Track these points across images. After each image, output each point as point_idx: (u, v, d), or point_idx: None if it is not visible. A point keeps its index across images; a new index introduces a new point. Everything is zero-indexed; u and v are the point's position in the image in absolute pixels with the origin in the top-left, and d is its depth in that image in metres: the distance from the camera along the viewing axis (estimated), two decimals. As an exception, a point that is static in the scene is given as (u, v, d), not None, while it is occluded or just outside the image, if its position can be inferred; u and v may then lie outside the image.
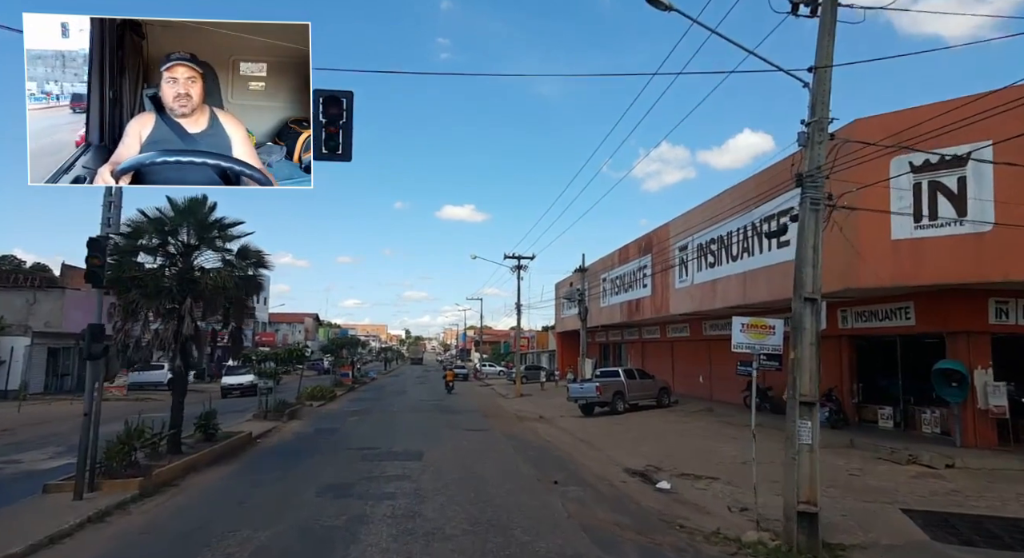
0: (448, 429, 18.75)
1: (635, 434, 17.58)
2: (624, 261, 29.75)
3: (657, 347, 32.15)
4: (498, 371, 61.05)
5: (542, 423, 21.20)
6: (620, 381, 22.99)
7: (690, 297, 22.25)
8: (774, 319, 9.40)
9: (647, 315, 26.90)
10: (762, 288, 17.42)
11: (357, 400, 30.88)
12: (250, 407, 21.71)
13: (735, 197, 18.75)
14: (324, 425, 19.67)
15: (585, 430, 18.70)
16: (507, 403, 29.97)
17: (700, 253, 21.32)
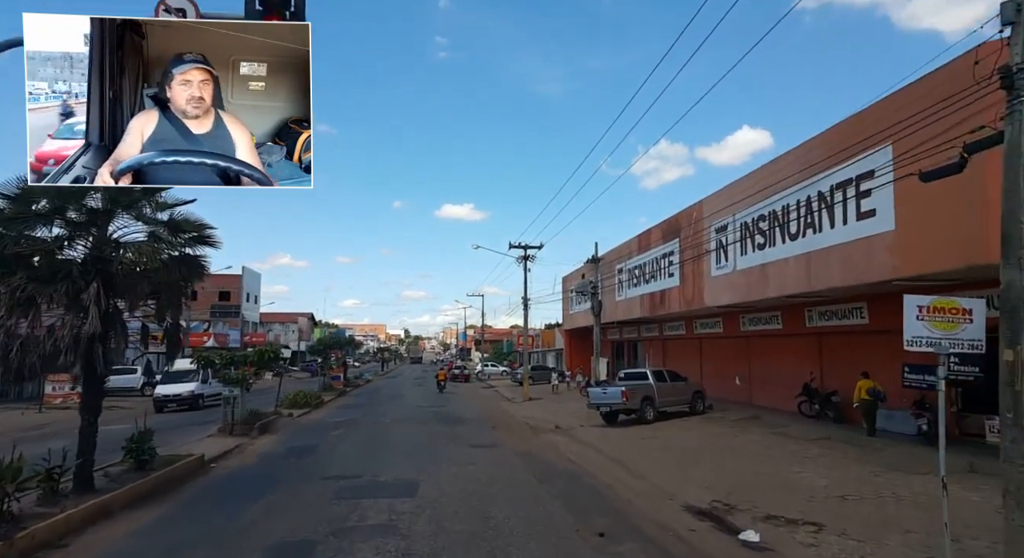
0: (449, 445, 15.51)
1: (678, 451, 14.34)
2: (644, 248, 26.50)
3: (682, 345, 28.92)
4: (501, 371, 57.81)
5: (560, 435, 17.97)
6: (649, 385, 19.75)
7: (731, 286, 19.01)
8: (971, 299, 6.05)
9: (674, 308, 23.66)
10: (834, 271, 14.18)
11: (346, 407, 27.60)
12: (217, 419, 18.41)
13: (794, 163, 15.50)
14: (300, 441, 16.41)
15: (614, 445, 15.48)
16: (515, 409, 26.74)
17: (745, 234, 18.07)
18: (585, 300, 35.78)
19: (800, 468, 12.10)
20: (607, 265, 31.16)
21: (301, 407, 24.65)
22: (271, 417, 19.72)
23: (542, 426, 20.00)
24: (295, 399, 25.08)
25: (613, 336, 37.34)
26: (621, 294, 30.07)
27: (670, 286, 23.79)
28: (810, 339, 18.89)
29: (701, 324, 25.50)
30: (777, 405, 20.37)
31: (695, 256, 21.16)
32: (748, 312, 21.15)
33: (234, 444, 15.74)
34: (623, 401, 18.86)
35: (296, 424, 20.18)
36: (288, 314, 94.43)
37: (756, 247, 17.45)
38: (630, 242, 28.77)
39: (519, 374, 43.52)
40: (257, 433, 17.34)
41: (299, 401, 25.04)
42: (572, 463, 13.41)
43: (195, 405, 25.54)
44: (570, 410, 25.08)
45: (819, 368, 18.43)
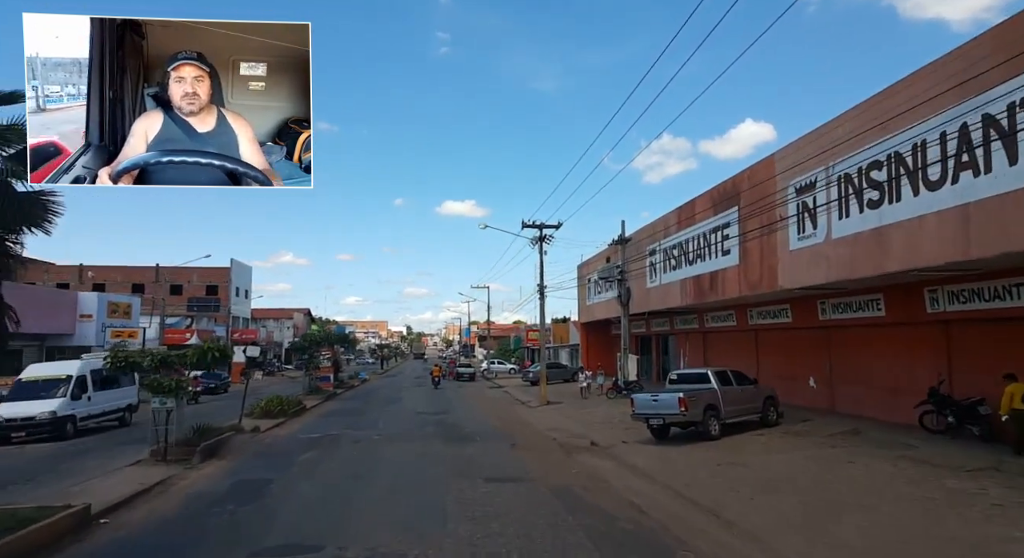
0: (458, 479, 11.11)
1: (788, 491, 9.90)
2: (687, 223, 22.02)
3: (729, 339, 24.46)
4: (508, 369, 53.42)
5: (603, 458, 13.58)
6: (713, 390, 15.31)
7: (822, 261, 14.56)
8: None
9: (730, 293, 19.21)
10: (1013, 229, 9.74)
11: (331, 415, 23.20)
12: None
13: (936, 79, 11.03)
14: (252, 473, 12.01)
15: (684, 476, 11.09)
16: (533, 416, 22.32)
17: (846, 190, 13.62)
18: (608, 288, 31.35)
19: (1009, 528, 7.70)
20: (636, 247, 26.72)
21: (274, 417, 20.28)
22: (226, 433, 15.32)
23: (574, 442, 15.61)
24: (268, 407, 20.70)
25: (637, 329, 32.86)
26: (654, 279, 25.62)
27: (724, 266, 19.34)
28: (931, 330, 14.40)
29: (759, 313, 21.04)
30: (876, 414, 15.95)
31: (764, 227, 16.71)
32: (835, 296, 16.69)
33: (159, 478, 11.37)
34: (681, 411, 14.44)
35: (258, 443, 15.67)
36: (283, 310, 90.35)
37: (866, 205, 12.99)
38: (666, 217, 24.30)
39: (531, 372, 39.13)
40: (200, 459, 12.94)
41: (272, 409, 20.65)
42: (641, 513, 8.97)
43: (60, 433, 17.09)
44: (600, 418, 20.69)
45: (946, 368, 13.96)
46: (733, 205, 18.71)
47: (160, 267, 51.74)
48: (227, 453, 13.97)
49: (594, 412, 22.29)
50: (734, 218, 18.65)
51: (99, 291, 46.11)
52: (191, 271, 59.17)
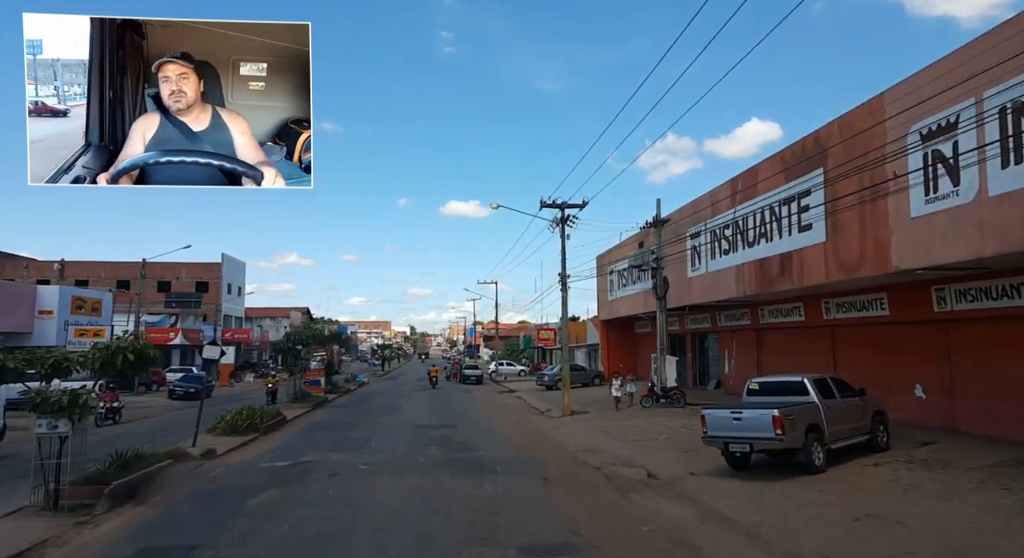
0: (477, 549, 7.20)
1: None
2: (746, 195, 18.10)
3: (791, 337, 20.51)
4: (518, 371, 49.55)
5: (675, 501, 9.65)
6: (813, 405, 11.37)
7: (972, 227, 10.64)
8: None
9: (812, 279, 15.28)
10: None
11: (315, 429, 19.30)
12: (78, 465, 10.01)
13: None
14: (172, 533, 8.11)
15: (815, 541, 7.14)
16: (558, 431, 18.41)
17: (1017, 124, 9.69)
18: (636, 279, 27.49)
19: None
20: (673, 228, 22.79)
21: (241, 433, 16.43)
22: (162, 462, 11.44)
23: (624, 473, 11.74)
24: (234, 421, 16.83)
25: (671, 327, 28.84)
26: (697, 267, 21.70)
27: (803, 245, 15.41)
28: None
29: (840, 305, 17.08)
30: (1018, 434, 12.04)
31: (867, 189, 12.79)
32: (967, 279, 12.74)
33: (29, 543, 7.53)
34: (776, 435, 10.52)
35: (202, 476, 11.58)
36: (280, 309, 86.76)
37: (1059, 143, 9.06)
38: (715, 191, 20.39)
39: (546, 376, 35.18)
40: (107, 506, 9.07)
41: (240, 424, 16.78)
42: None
43: None
44: (639, 433, 16.87)
45: None
46: (816, 167, 14.78)
47: (146, 261, 48.11)
48: (153, 494, 10.02)
49: (630, 425, 18.42)
50: (818, 183, 14.73)
51: (82, 287, 42.46)
52: (179, 267, 55.46)
